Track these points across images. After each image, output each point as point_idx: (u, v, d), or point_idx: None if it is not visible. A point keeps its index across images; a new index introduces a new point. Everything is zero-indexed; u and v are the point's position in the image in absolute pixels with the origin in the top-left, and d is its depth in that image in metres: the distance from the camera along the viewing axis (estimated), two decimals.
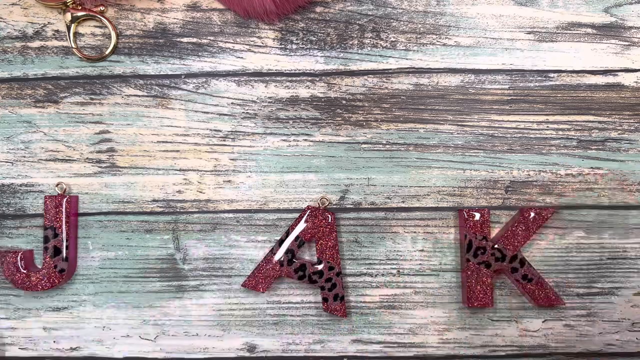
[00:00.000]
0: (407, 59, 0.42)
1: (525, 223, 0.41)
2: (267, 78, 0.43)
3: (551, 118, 0.43)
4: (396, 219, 0.43)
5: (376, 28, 0.42)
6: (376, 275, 0.43)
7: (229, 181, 0.43)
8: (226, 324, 0.44)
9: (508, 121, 0.43)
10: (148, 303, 0.44)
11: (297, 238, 0.42)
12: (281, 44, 0.43)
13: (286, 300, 0.44)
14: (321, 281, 0.42)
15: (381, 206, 0.43)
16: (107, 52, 0.43)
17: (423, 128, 0.43)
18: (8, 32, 0.43)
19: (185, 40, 0.43)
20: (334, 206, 0.43)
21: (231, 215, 0.43)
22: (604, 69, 0.42)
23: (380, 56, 0.42)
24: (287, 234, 0.42)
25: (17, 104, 0.43)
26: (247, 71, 0.43)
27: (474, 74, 0.43)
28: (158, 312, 0.44)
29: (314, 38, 0.43)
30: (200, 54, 0.43)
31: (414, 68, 0.43)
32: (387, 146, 0.43)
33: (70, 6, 0.42)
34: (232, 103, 0.43)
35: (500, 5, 0.42)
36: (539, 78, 0.42)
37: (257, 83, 0.43)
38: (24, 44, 0.43)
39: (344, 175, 0.43)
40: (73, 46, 0.42)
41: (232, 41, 0.43)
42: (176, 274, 0.43)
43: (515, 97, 0.43)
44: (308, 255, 0.43)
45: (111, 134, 0.43)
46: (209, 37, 0.43)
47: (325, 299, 0.42)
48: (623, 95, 0.42)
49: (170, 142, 0.43)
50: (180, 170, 0.43)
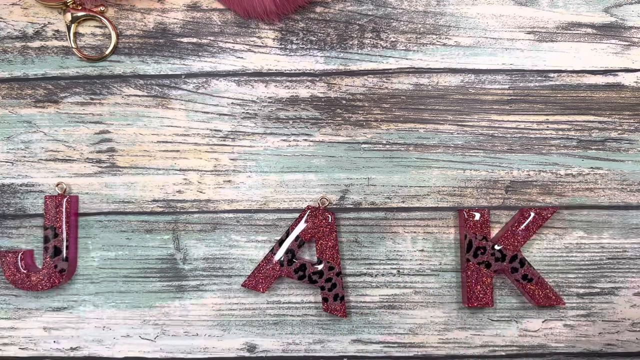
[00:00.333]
0: (407, 59, 0.42)
1: (525, 223, 0.41)
2: (267, 78, 0.43)
3: (551, 118, 0.43)
4: (396, 219, 0.43)
5: (376, 28, 0.42)
6: (376, 275, 0.43)
7: (229, 181, 0.43)
8: (226, 324, 0.44)
9: (508, 121, 0.43)
10: (148, 303, 0.44)
11: (297, 238, 0.42)
12: (281, 44, 0.43)
13: (286, 300, 0.44)
14: (321, 281, 0.42)
15: (381, 206, 0.43)
16: (107, 52, 0.43)
17: (423, 128, 0.43)
18: (8, 32, 0.43)
19: (185, 40, 0.43)
20: (334, 206, 0.43)
21: (231, 215, 0.43)
22: (604, 69, 0.42)
23: (380, 56, 0.42)
24: (287, 234, 0.42)
25: (18, 104, 0.43)
26: (247, 71, 0.43)
27: (474, 74, 0.43)
28: (158, 312, 0.44)
29: (314, 38, 0.43)
30: (200, 54, 0.43)
31: (414, 68, 0.43)
32: (387, 146, 0.43)
33: (70, 6, 0.42)
34: (232, 103, 0.43)
35: (500, 5, 0.42)
36: (539, 78, 0.42)
37: (257, 83, 0.43)
38: (24, 44, 0.43)
39: (344, 175, 0.43)
40: (73, 46, 0.42)
41: (232, 41, 0.43)
42: (176, 274, 0.43)
43: (515, 97, 0.43)
44: (308, 255, 0.43)
45: (111, 134, 0.43)
46: (209, 37, 0.43)
47: (325, 299, 0.42)
48: (623, 95, 0.42)
49: (170, 142, 0.43)
50: (180, 170, 0.43)
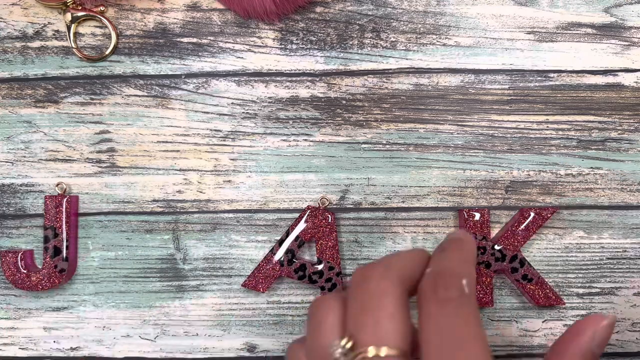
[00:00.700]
0: (407, 59, 0.42)
1: (525, 223, 0.41)
2: (267, 78, 0.43)
3: (551, 118, 0.43)
4: (396, 219, 0.43)
5: (376, 28, 0.42)
6: None
7: (229, 181, 0.43)
8: (226, 324, 0.44)
9: (508, 121, 0.43)
10: (148, 303, 0.44)
11: (297, 238, 0.42)
12: (281, 44, 0.43)
13: (286, 300, 0.44)
14: (321, 281, 0.42)
15: (381, 206, 0.43)
16: (107, 52, 0.43)
17: (423, 128, 0.43)
18: (8, 32, 0.43)
19: (185, 40, 0.43)
20: (334, 206, 0.43)
21: (231, 215, 0.43)
22: (604, 69, 0.42)
23: (380, 56, 0.42)
24: (287, 234, 0.42)
25: (17, 104, 0.43)
26: (247, 71, 0.43)
27: (474, 74, 0.43)
28: (158, 312, 0.44)
29: (314, 38, 0.43)
30: (200, 54, 0.43)
31: (414, 68, 0.43)
32: (387, 146, 0.43)
33: (70, 6, 0.42)
34: (232, 103, 0.43)
35: (500, 5, 0.42)
36: (539, 78, 0.42)
37: (257, 83, 0.43)
38: (24, 44, 0.43)
39: (344, 175, 0.43)
40: (73, 46, 0.42)
41: (232, 41, 0.43)
42: (176, 274, 0.43)
43: (515, 97, 0.43)
44: (308, 255, 0.43)
45: (111, 134, 0.43)
46: (209, 37, 0.43)
47: None
48: (623, 95, 0.42)
49: (170, 142, 0.43)
50: (180, 170, 0.43)
